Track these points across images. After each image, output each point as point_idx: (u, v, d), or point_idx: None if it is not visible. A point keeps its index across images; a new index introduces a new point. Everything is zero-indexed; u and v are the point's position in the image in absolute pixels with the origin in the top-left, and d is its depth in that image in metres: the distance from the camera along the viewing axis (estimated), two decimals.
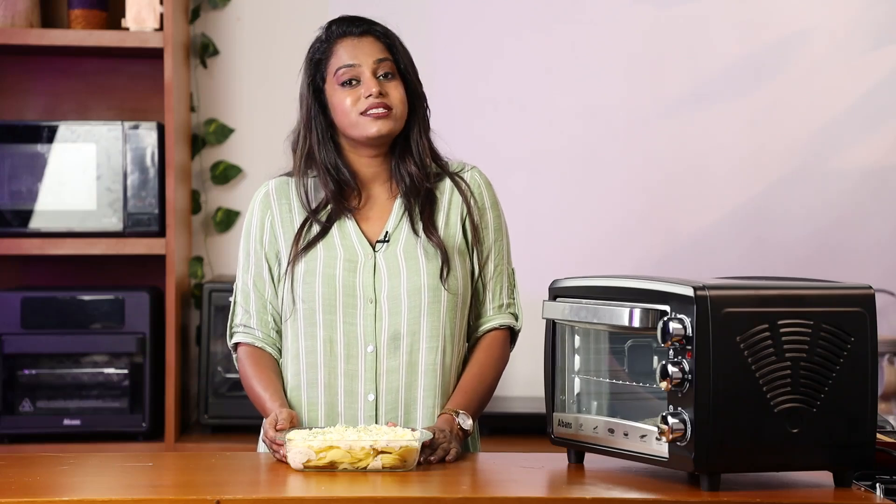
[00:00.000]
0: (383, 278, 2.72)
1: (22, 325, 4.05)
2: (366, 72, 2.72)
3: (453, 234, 2.77)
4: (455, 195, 2.80)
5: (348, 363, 2.71)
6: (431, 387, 2.73)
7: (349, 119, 2.72)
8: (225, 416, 4.14)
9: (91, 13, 4.19)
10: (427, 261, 2.73)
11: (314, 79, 2.77)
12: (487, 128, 4.47)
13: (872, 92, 4.51)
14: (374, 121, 2.71)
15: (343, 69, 2.72)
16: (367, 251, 2.74)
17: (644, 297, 2.34)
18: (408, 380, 2.71)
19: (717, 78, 4.51)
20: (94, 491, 2.31)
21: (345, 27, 2.76)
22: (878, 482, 2.35)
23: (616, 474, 2.42)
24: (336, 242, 2.74)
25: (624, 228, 4.50)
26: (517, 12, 4.50)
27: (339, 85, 2.73)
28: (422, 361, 2.72)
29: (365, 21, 2.78)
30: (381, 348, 2.71)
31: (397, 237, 2.75)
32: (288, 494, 2.31)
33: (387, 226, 2.76)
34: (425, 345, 2.72)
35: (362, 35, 2.75)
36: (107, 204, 4.12)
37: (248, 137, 4.45)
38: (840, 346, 2.31)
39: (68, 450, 3.93)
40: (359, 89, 2.72)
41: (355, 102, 2.71)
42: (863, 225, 4.51)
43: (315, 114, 2.77)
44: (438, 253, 2.73)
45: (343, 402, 2.71)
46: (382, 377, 2.71)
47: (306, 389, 2.73)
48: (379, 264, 2.73)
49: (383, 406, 2.70)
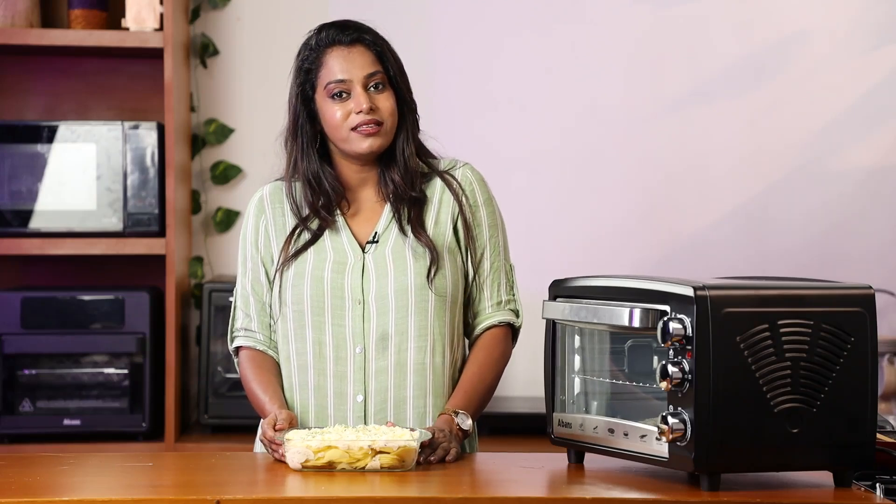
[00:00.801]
0: (371, 279, 2.72)
1: (22, 325, 4.05)
2: (356, 86, 2.70)
3: (443, 232, 2.77)
4: (445, 194, 2.79)
5: (337, 364, 2.71)
6: (421, 386, 2.72)
7: (340, 134, 2.72)
8: (225, 416, 4.14)
9: (91, 13, 4.19)
10: (415, 260, 2.73)
11: (303, 87, 2.76)
12: (487, 128, 4.47)
13: (872, 92, 4.51)
14: (366, 138, 2.71)
15: (333, 84, 2.71)
16: (357, 253, 2.74)
17: (644, 297, 2.34)
18: (397, 380, 2.71)
19: (717, 78, 4.51)
20: (94, 491, 2.31)
21: (334, 34, 2.73)
22: (878, 482, 2.35)
23: (616, 474, 2.42)
24: (326, 245, 2.75)
25: (624, 228, 4.50)
26: (517, 12, 4.50)
27: (330, 97, 2.72)
28: (410, 361, 2.71)
29: (355, 27, 2.74)
30: (369, 349, 2.71)
31: (386, 238, 2.75)
32: (287, 494, 2.31)
33: (377, 227, 2.77)
34: (414, 344, 2.72)
35: (352, 44, 2.72)
36: (107, 204, 4.12)
37: (248, 137, 4.45)
38: (840, 346, 2.31)
39: (68, 450, 3.93)
40: (349, 103, 2.70)
41: (346, 117, 2.70)
42: (863, 225, 4.51)
43: (302, 122, 2.76)
44: (427, 252, 2.73)
45: (333, 404, 2.71)
46: (371, 378, 2.70)
47: (297, 392, 2.74)
48: (367, 265, 2.73)
49: (372, 407, 2.70)
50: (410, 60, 2.83)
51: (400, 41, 2.82)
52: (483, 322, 2.80)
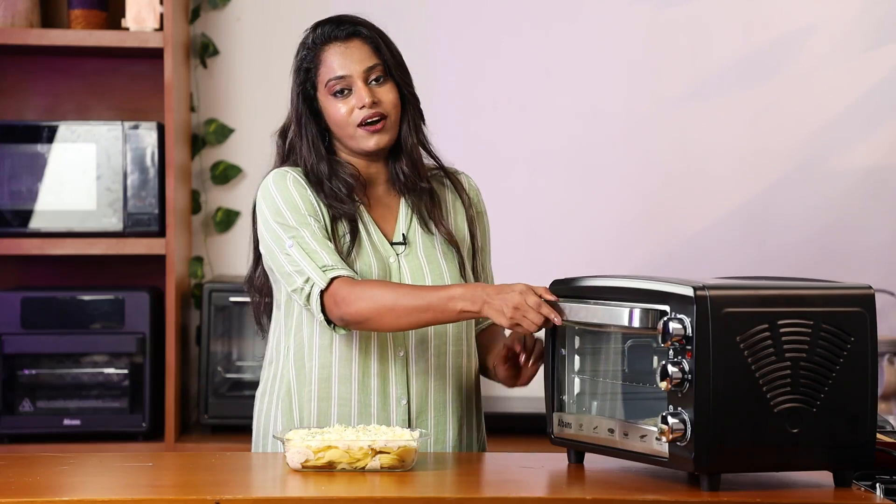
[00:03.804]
0: (408, 281, 2.71)
1: (22, 325, 4.05)
2: (357, 81, 2.69)
3: (461, 228, 2.79)
4: (457, 200, 2.81)
5: (381, 364, 2.69)
6: (458, 389, 2.75)
7: (346, 131, 2.71)
8: (225, 416, 4.14)
9: (91, 13, 4.19)
10: (446, 262, 2.74)
11: (304, 86, 2.74)
12: (486, 128, 4.47)
13: (872, 92, 4.51)
14: (371, 135, 2.69)
15: (333, 81, 2.69)
16: (391, 253, 2.73)
17: (644, 297, 2.34)
18: (437, 382, 2.72)
19: (717, 78, 4.50)
20: (94, 491, 2.31)
21: (330, 30, 2.71)
22: (878, 482, 2.35)
23: (616, 474, 2.42)
24: (366, 246, 2.71)
25: (624, 228, 4.50)
26: (516, 12, 4.49)
27: (331, 95, 2.70)
28: (449, 364, 2.73)
29: (350, 21, 2.72)
30: (410, 352, 2.71)
31: (413, 238, 2.75)
32: (287, 494, 2.31)
33: (399, 226, 2.76)
34: (452, 348, 2.73)
35: (349, 39, 2.70)
36: (107, 204, 4.12)
37: (248, 137, 4.45)
38: (840, 346, 2.31)
39: (68, 450, 3.93)
40: (351, 99, 2.69)
41: (350, 113, 2.69)
42: (863, 225, 4.51)
43: (305, 122, 2.73)
44: (453, 252, 2.74)
45: (376, 403, 2.69)
46: (413, 381, 2.70)
47: (338, 384, 2.69)
48: (403, 269, 2.72)
49: (415, 410, 2.70)
50: (410, 60, 2.82)
51: (399, 41, 2.81)
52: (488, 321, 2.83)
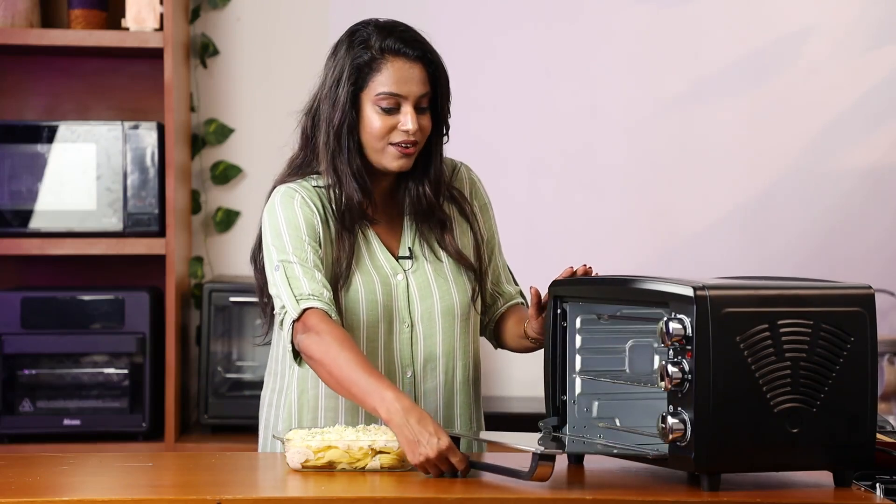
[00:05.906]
0: (415, 299, 2.69)
1: (22, 325, 4.05)
2: (408, 105, 2.62)
3: (467, 244, 2.77)
4: (464, 222, 2.77)
5: None
6: (466, 403, 2.74)
7: (377, 144, 2.64)
8: (225, 416, 4.14)
9: (91, 13, 4.19)
10: (455, 280, 2.72)
11: (355, 83, 2.64)
12: (486, 128, 4.47)
13: (872, 92, 4.51)
14: (401, 157, 2.63)
15: (385, 95, 2.62)
16: (395, 268, 2.70)
17: (644, 297, 2.34)
18: (446, 399, 2.72)
19: (717, 78, 4.51)
20: (94, 491, 2.31)
21: (401, 45, 2.64)
22: (878, 482, 2.35)
23: (616, 474, 2.42)
24: (366, 261, 2.68)
25: (624, 228, 4.50)
26: (516, 12, 4.49)
27: (378, 105, 2.62)
28: (457, 380, 2.73)
29: (421, 44, 2.66)
30: (418, 374, 2.70)
31: (418, 253, 2.72)
32: (287, 494, 2.31)
33: (405, 240, 2.73)
34: (459, 363, 2.73)
35: (415, 61, 2.64)
36: (107, 204, 4.12)
37: (248, 137, 4.45)
38: (840, 346, 2.31)
39: (68, 450, 3.93)
40: (396, 118, 2.62)
41: (388, 130, 2.62)
42: (863, 225, 4.51)
43: (351, 120, 2.63)
44: (462, 270, 2.73)
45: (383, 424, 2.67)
46: (421, 400, 2.70)
47: (344, 413, 2.68)
48: (410, 285, 2.70)
49: None
50: None
51: None
52: (510, 301, 2.81)
